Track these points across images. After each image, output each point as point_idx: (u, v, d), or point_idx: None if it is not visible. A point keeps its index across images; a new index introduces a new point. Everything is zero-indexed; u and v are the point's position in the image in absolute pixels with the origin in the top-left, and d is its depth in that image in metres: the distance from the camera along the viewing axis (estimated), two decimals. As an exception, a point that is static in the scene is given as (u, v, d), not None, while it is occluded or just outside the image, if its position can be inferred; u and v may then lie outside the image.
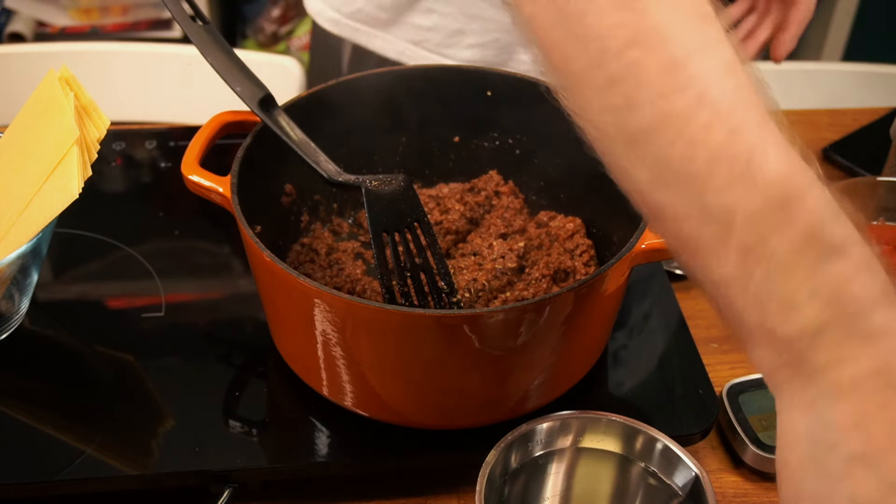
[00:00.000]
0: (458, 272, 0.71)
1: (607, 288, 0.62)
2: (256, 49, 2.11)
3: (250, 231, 0.61)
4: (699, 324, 0.80)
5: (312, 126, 0.73)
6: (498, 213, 0.78)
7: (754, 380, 0.72)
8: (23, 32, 1.89)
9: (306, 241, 0.77)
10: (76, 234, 0.82)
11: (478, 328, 0.57)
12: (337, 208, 0.80)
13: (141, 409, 0.68)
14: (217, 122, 0.69)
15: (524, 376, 0.63)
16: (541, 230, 0.75)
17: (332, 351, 0.61)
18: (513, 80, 0.76)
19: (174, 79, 1.26)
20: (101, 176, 0.89)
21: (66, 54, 1.25)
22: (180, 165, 0.66)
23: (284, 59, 1.22)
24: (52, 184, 0.65)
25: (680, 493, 0.56)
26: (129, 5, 1.95)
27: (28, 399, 0.69)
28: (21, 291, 0.71)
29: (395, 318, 0.57)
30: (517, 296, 0.69)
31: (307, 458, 0.65)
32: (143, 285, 0.78)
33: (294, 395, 0.68)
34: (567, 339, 0.62)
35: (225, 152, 0.70)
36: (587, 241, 0.73)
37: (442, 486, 0.67)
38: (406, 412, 0.64)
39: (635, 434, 0.57)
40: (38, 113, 0.68)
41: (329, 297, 0.57)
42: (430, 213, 0.77)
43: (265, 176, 0.71)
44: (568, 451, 0.58)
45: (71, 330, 0.75)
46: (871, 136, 1.02)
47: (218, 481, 0.64)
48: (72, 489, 0.63)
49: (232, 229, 0.64)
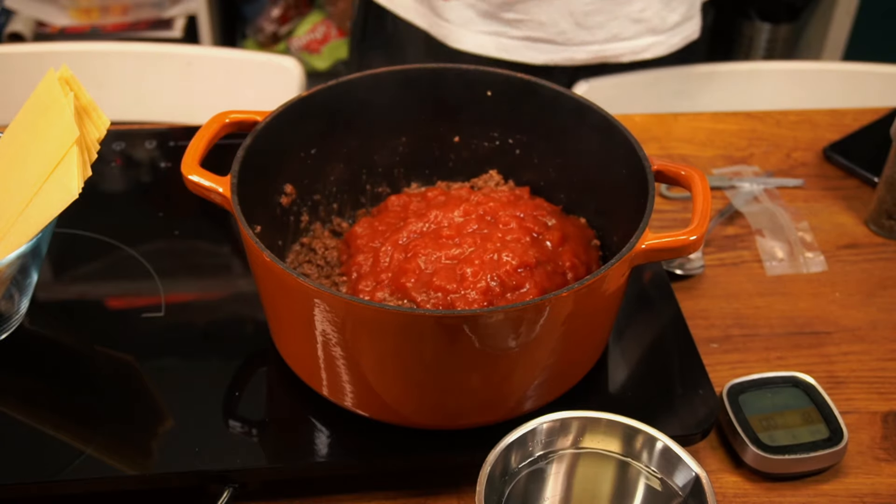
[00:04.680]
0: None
1: (607, 288, 0.62)
2: (256, 49, 2.11)
3: (250, 231, 0.61)
4: (699, 324, 0.80)
5: (312, 127, 0.74)
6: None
7: (754, 380, 0.72)
8: (23, 32, 1.89)
9: (306, 241, 0.77)
10: (76, 234, 0.82)
11: (478, 328, 0.57)
12: (337, 208, 0.80)
13: (141, 409, 0.68)
14: (217, 122, 0.69)
15: (524, 376, 0.63)
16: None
17: (332, 351, 0.61)
18: (513, 80, 0.76)
19: (174, 79, 1.25)
20: (101, 176, 0.88)
21: (66, 54, 1.25)
22: (180, 165, 0.66)
23: (284, 59, 1.22)
24: (52, 184, 0.65)
25: (680, 494, 0.56)
26: (129, 5, 1.95)
27: (28, 399, 0.69)
28: (21, 291, 0.71)
29: (395, 318, 0.57)
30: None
31: (307, 458, 0.65)
32: (143, 285, 0.78)
33: (294, 395, 0.68)
34: (567, 339, 0.62)
35: (225, 152, 0.70)
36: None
37: (442, 486, 0.67)
38: (406, 412, 0.64)
39: (635, 434, 0.57)
40: (38, 113, 0.68)
41: (329, 297, 0.57)
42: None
43: (265, 176, 0.71)
44: (568, 452, 0.58)
45: (71, 330, 0.75)
46: (871, 136, 1.02)
47: (218, 481, 0.64)
48: (72, 489, 0.63)
49: (232, 229, 0.64)
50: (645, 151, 0.68)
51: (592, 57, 1.10)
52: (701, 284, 0.85)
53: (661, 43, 1.13)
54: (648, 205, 0.63)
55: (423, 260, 0.69)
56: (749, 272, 0.86)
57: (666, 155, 1.00)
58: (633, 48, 1.12)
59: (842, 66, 1.31)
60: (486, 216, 0.74)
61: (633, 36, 1.11)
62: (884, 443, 0.71)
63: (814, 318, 0.82)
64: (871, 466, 0.70)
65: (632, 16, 1.08)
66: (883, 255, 0.89)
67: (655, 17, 1.10)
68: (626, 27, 1.09)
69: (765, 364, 0.77)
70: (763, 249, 0.88)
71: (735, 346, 0.79)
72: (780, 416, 0.70)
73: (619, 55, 1.11)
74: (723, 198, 0.94)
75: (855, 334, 0.80)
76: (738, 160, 1.00)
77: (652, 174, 0.66)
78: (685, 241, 0.62)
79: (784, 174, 0.98)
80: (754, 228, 0.91)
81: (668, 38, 1.13)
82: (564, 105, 0.74)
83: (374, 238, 0.73)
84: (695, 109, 1.11)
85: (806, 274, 0.86)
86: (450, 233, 0.71)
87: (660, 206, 0.93)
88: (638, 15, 1.08)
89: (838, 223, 0.92)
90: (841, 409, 0.71)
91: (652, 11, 1.09)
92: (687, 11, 1.13)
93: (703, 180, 0.65)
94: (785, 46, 2.16)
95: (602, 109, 0.72)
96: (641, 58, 1.13)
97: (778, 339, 0.79)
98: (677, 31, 1.13)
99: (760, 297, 0.84)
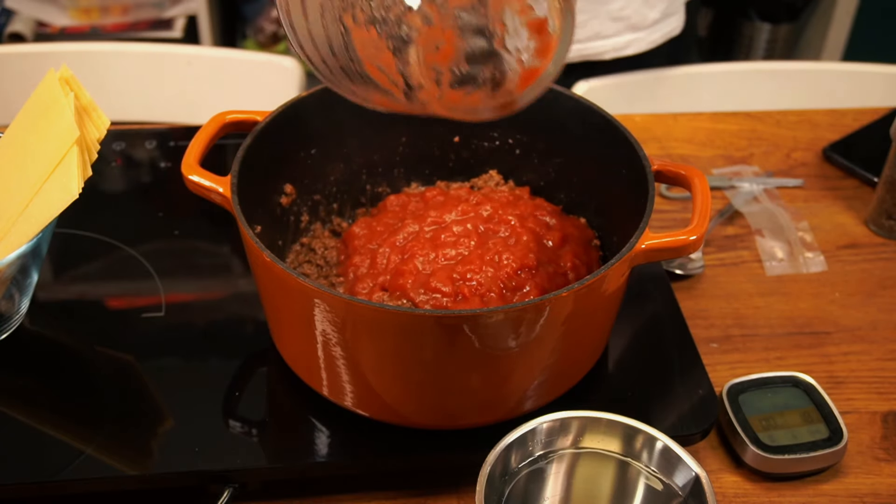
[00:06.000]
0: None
1: (607, 288, 0.62)
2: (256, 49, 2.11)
3: (250, 231, 0.61)
4: (699, 324, 0.80)
5: (312, 127, 0.74)
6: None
7: (754, 380, 0.72)
8: (23, 32, 1.89)
9: (306, 241, 0.77)
10: (76, 234, 0.82)
11: (478, 328, 0.57)
12: (337, 208, 0.80)
13: (141, 409, 0.68)
14: (217, 122, 0.69)
15: (524, 376, 0.63)
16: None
17: (332, 351, 0.61)
18: (513, 80, 0.76)
19: (174, 79, 1.26)
20: (101, 176, 0.88)
21: (66, 54, 1.25)
22: (180, 165, 0.66)
23: (284, 59, 1.22)
24: (52, 184, 0.65)
25: (680, 494, 0.56)
26: (129, 5, 1.95)
27: (28, 399, 0.69)
28: (21, 291, 0.71)
29: (395, 318, 0.57)
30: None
31: (307, 458, 0.65)
32: (143, 285, 0.78)
33: (294, 395, 0.68)
34: (567, 339, 0.62)
35: (225, 152, 0.70)
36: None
37: (442, 485, 0.67)
38: (406, 412, 0.64)
39: (635, 434, 0.57)
40: (38, 113, 0.68)
41: (329, 297, 0.57)
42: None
43: (265, 176, 0.71)
44: (568, 452, 0.58)
45: (71, 330, 0.75)
46: (871, 136, 1.02)
47: (218, 481, 0.64)
48: (72, 489, 0.63)
49: (232, 229, 0.64)
50: (645, 151, 0.68)
51: (575, 56, 1.11)
52: (701, 284, 0.85)
53: (641, 39, 1.14)
54: (648, 205, 0.63)
55: (421, 261, 0.69)
56: (749, 272, 0.86)
57: (666, 155, 1.00)
58: (615, 45, 1.13)
59: (842, 66, 1.31)
60: (485, 216, 0.74)
61: (614, 34, 1.13)
62: (884, 443, 0.71)
63: (814, 318, 0.82)
64: (871, 466, 0.70)
65: (612, 14, 1.10)
66: (883, 255, 0.89)
67: (635, 15, 1.11)
68: (607, 25, 1.11)
69: (765, 364, 0.77)
70: (763, 249, 0.88)
71: (735, 346, 0.79)
72: (780, 415, 0.70)
73: (600, 53, 1.13)
74: (723, 198, 0.94)
75: (855, 334, 0.80)
76: (738, 160, 1.00)
77: (652, 174, 0.66)
78: (685, 241, 0.62)
79: (784, 174, 0.98)
80: (754, 228, 0.91)
81: (648, 35, 1.14)
82: (564, 105, 0.74)
83: (372, 239, 0.73)
84: (695, 109, 1.11)
85: (806, 274, 0.86)
86: (448, 234, 0.71)
87: (660, 206, 0.93)
88: (618, 13, 1.10)
89: (838, 223, 0.92)
90: (841, 409, 0.71)
91: (632, 9, 1.10)
92: (667, 8, 1.14)
93: (703, 180, 0.65)
94: (785, 46, 2.16)
95: (602, 109, 0.72)
96: (623, 55, 1.15)
97: (778, 339, 0.79)
98: (657, 27, 1.15)
99: (760, 297, 0.84)
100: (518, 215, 0.74)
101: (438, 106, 0.50)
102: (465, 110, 0.51)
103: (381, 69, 0.49)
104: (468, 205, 0.75)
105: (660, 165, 0.67)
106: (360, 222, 0.76)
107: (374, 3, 0.47)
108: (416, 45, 0.47)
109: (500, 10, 0.48)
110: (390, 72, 0.49)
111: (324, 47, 0.51)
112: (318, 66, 0.53)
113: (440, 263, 0.69)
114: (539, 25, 0.49)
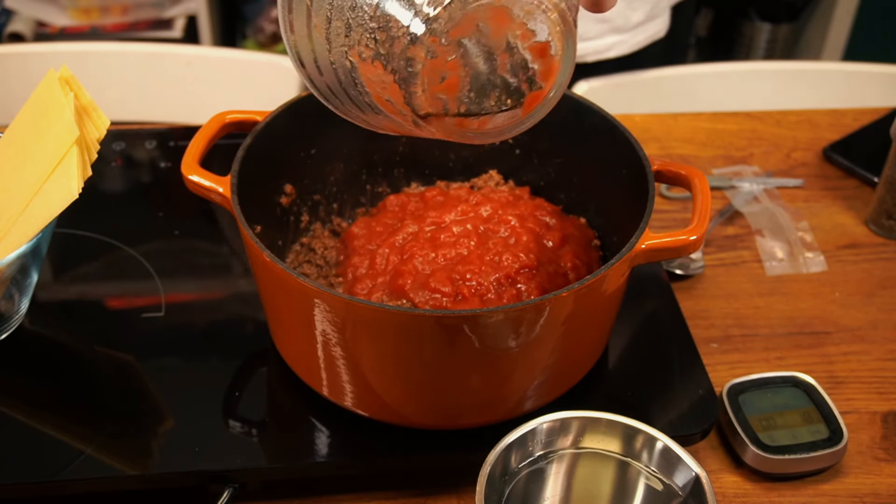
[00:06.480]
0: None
1: (607, 288, 0.62)
2: (256, 49, 2.11)
3: (250, 231, 0.61)
4: (699, 324, 0.80)
5: (312, 127, 0.74)
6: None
7: (754, 380, 0.72)
8: (23, 32, 1.89)
9: (306, 241, 0.77)
10: (76, 234, 0.82)
11: (478, 328, 0.57)
12: (337, 208, 0.80)
13: (141, 409, 0.68)
14: (217, 122, 0.69)
15: (524, 376, 0.63)
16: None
17: (332, 351, 0.61)
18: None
19: (174, 79, 1.26)
20: (101, 176, 0.88)
21: (66, 54, 1.25)
22: (180, 165, 0.66)
23: (284, 60, 1.22)
24: (52, 184, 0.65)
25: (680, 494, 0.56)
26: (129, 5, 1.95)
27: (28, 399, 0.69)
28: (21, 291, 0.71)
29: (395, 318, 0.57)
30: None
31: (307, 458, 0.65)
32: (143, 285, 0.78)
33: (294, 395, 0.68)
34: (567, 339, 0.62)
35: (225, 152, 0.70)
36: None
37: (442, 485, 0.67)
38: (406, 412, 0.64)
39: (635, 434, 0.57)
40: (37, 113, 0.68)
41: (329, 297, 0.57)
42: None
43: (265, 176, 0.71)
44: (568, 452, 0.58)
45: (71, 330, 0.75)
46: (871, 136, 1.02)
47: (218, 481, 0.64)
48: (72, 489, 0.63)
49: (232, 229, 0.64)
50: (645, 151, 0.68)
51: None
52: (701, 284, 0.85)
53: (624, 42, 1.14)
54: (648, 205, 0.63)
55: (421, 261, 0.69)
56: (749, 272, 0.86)
57: (666, 155, 1.00)
58: (597, 48, 1.13)
59: (842, 66, 1.31)
60: (485, 216, 0.74)
61: (597, 35, 1.13)
62: (884, 443, 0.71)
63: (814, 318, 0.82)
64: (871, 466, 0.70)
65: (595, 16, 1.10)
66: (883, 255, 0.89)
67: (619, 17, 1.11)
68: (590, 27, 1.11)
69: (765, 364, 0.77)
70: (763, 249, 0.88)
71: (735, 346, 0.79)
72: (780, 416, 0.70)
73: (583, 55, 1.13)
74: (723, 198, 0.94)
75: (855, 334, 0.80)
76: (738, 160, 1.00)
77: (652, 174, 0.66)
78: (685, 241, 0.62)
79: (784, 174, 0.98)
80: (754, 228, 0.91)
81: (631, 38, 1.14)
82: (564, 105, 0.74)
83: (371, 240, 0.73)
84: (695, 109, 1.11)
85: (806, 274, 0.86)
86: (447, 234, 0.71)
87: (660, 206, 0.93)
88: (601, 15, 1.10)
89: (838, 223, 0.92)
90: (841, 409, 0.71)
91: (615, 11, 1.10)
92: (651, 11, 1.14)
93: (703, 180, 0.65)
94: (785, 46, 2.16)
95: (602, 109, 0.72)
96: (605, 57, 1.14)
97: (778, 339, 0.79)
98: (640, 30, 1.14)
99: (760, 297, 0.84)
100: (518, 215, 0.74)
101: (447, 132, 0.51)
102: (474, 135, 0.52)
103: (390, 101, 0.50)
104: (468, 205, 0.75)
105: (660, 165, 0.67)
106: (359, 222, 0.76)
107: (379, 38, 0.48)
108: (422, 77, 0.48)
109: (502, 37, 0.49)
110: (398, 103, 0.49)
111: (333, 82, 0.53)
112: (329, 99, 0.55)
113: (440, 263, 0.69)
114: (541, 49, 0.50)
